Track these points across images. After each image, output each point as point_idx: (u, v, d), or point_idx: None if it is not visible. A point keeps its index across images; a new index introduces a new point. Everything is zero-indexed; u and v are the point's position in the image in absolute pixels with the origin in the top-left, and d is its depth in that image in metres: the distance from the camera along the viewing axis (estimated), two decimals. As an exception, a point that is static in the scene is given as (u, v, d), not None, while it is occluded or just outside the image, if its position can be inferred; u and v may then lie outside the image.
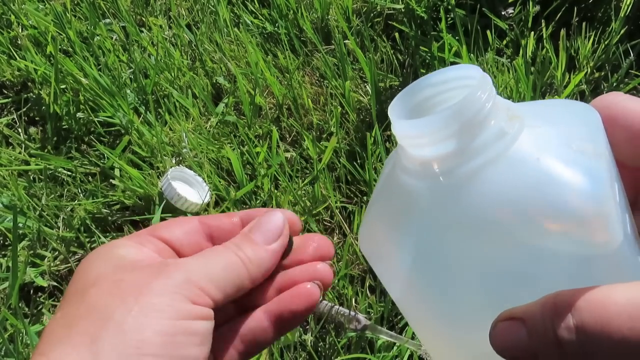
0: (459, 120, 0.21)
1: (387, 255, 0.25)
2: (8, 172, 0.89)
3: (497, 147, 0.21)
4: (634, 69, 0.95)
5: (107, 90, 0.97)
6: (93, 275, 0.26)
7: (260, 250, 0.28)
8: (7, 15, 1.17)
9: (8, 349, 0.69)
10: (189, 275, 0.26)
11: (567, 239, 0.20)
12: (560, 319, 0.18)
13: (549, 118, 0.23)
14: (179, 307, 0.25)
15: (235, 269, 0.27)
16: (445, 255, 0.23)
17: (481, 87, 0.21)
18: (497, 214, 0.21)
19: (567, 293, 0.18)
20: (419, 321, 0.28)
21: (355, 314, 0.64)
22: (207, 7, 1.16)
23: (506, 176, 0.21)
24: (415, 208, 0.23)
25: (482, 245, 0.22)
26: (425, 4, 1.06)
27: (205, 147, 0.92)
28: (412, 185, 0.23)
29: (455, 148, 0.21)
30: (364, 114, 0.97)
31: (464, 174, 0.21)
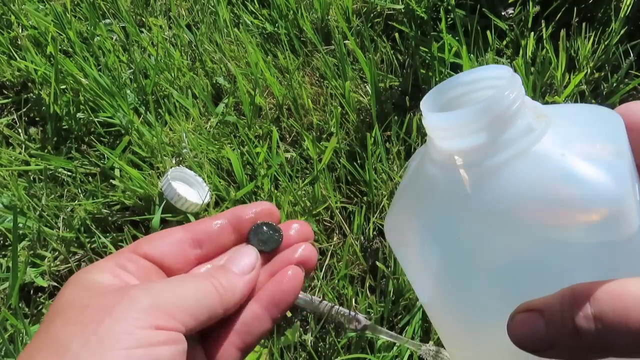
0: (488, 115, 0.22)
1: (412, 244, 0.26)
2: (8, 172, 0.89)
3: (524, 143, 0.22)
4: (634, 70, 0.95)
5: (107, 90, 0.97)
6: (62, 303, 0.26)
7: (234, 277, 0.28)
8: (7, 16, 1.17)
9: (8, 349, 0.69)
10: (154, 300, 0.25)
11: (588, 232, 0.21)
12: (578, 309, 0.18)
13: (574, 119, 0.24)
14: (140, 334, 0.23)
15: (207, 293, 0.27)
16: (469, 245, 0.23)
17: (511, 85, 0.22)
18: (522, 206, 0.22)
19: (585, 285, 0.19)
20: (439, 311, 0.28)
21: (355, 314, 0.64)
22: (207, 7, 1.16)
23: (532, 170, 0.22)
24: (442, 198, 0.24)
25: (506, 236, 0.22)
26: (425, 4, 1.06)
27: (205, 147, 0.92)
28: (440, 176, 0.24)
29: (484, 141, 0.22)
30: (364, 114, 0.97)
31: (491, 166, 0.22)
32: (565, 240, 0.21)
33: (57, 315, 0.25)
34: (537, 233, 0.22)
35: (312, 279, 0.78)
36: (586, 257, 0.21)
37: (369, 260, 0.79)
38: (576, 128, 0.23)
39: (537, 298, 0.20)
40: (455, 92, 0.25)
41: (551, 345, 0.19)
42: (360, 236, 0.81)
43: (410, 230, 0.26)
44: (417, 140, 0.91)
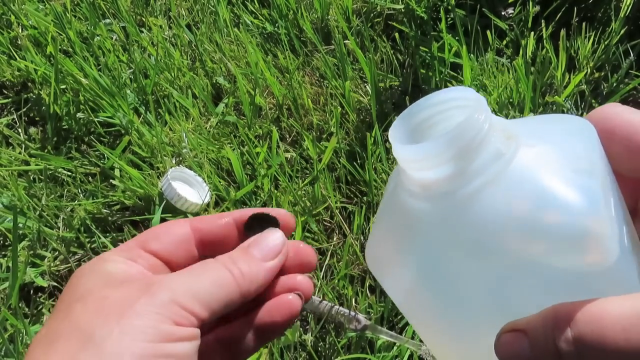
0: (456, 145, 0.21)
1: (392, 273, 0.26)
2: (8, 172, 0.89)
3: (495, 168, 0.22)
4: (634, 69, 0.95)
5: (107, 90, 0.97)
6: (80, 290, 0.26)
7: (256, 265, 0.28)
8: (7, 16, 1.17)
9: (8, 349, 0.69)
10: (173, 295, 0.25)
11: (563, 256, 0.21)
12: (560, 332, 0.18)
13: (544, 136, 0.24)
14: (160, 328, 0.24)
15: (225, 284, 0.27)
16: (448, 272, 0.23)
17: (477, 110, 0.22)
18: (497, 232, 0.22)
19: (566, 306, 0.19)
20: (427, 334, 0.28)
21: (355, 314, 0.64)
22: (207, 7, 1.16)
23: (503, 197, 0.22)
24: (417, 228, 0.24)
25: (484, 262, 0.22)
26: (425, 4, 1.06)
27: (205, 147, 0.92)
28: (413, 206, 0.24)
29: (454, 171, 0.22)
30: (364, 114, 0.97)
31: (464, 195, 0.22)
32: (542, 263, 0.21)
33: (76, 302, 0.25)
34: (515, 257, 0.22)
35: (312, 279, 0.78)
36: (566, 277, 0.21)
37: (369, 260, 0.79)
38: (547, 146, 0.23)
39: (521, 318, 0.21)
40: (422, 116, 0.25)
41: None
42: (360, 236, 0.81)
43: (387, 259, 0.26)
44: (417, 140, 0.91)
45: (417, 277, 0.24)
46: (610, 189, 0.22)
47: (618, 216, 0.22)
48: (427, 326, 0.27)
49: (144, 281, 0.26)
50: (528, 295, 0.22)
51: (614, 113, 0.23)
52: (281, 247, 0.29)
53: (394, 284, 0.26)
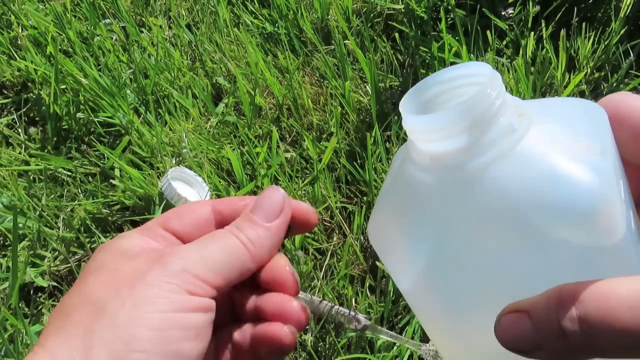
0: (469, 116, 0.21)
1: (397, 247, 0.25)
2: (8, 172, 0.89)
3: (506, 143, 0.22)
4: (634, 69, 0.95)
5: (107, 90, 0.97)
6: (95, 264, 0.27)
7: (261, 230, 0.28)
8: (7, 16, 1.17)
9: (8, 349, 0.69)
10: (185, 264, 0.25)
11: (573, 233, 0.21)
12: (564, 311, 0.18)
13: (557, 116, 0.23)
14: (172, 298, 0.24)
15: (236, 251, 0.27)
16: (454, 247, 0.23)
17: (491, 84, 0.22)
18: (506, 207, 0.21)
19: (571, 286, 0.19)
20: (427, 314, 0.28)
21: (355, 314, 0.64)
22: (207, 7, 1.16)
23: (514, 171, 0.21)
24: (425, 201, 0.23)
25: (491, 238, 0.22)
26: (425, 4, 1.06)
27: (205, 147, 0.92)
28: (422, 178, 0.23)
29: (465, 143, 0.22)
30: (364, 114, 0.97)
31: (474, 168, 0.22)
32: (550, 240, 0.21)
33: (89, 275, 0.26)
34: (522, 234, 0.21)
35: (312, 279, 0.78)
36: (573, 260, 0.21)
37: (369, 260, 0.79)
38: (559, 126, 0.23)
39: (524, 299, 0.20)
40: (435, 91, 0.25)
41: (538, 347, 0.19)
42: (360, 236, 0.81)
43: (394, 234, 0.25)
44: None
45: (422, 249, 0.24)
46: (620, 173, 0.22)
47: (626, 200, 0.22)
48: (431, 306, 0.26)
49: (155, 253, 0.26)
50: (534, 272, 0.22)
51: (625, 101, 0.23)
52: (282, 205, 0.29)
53: (398, 259, 0.26)
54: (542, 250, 0.21)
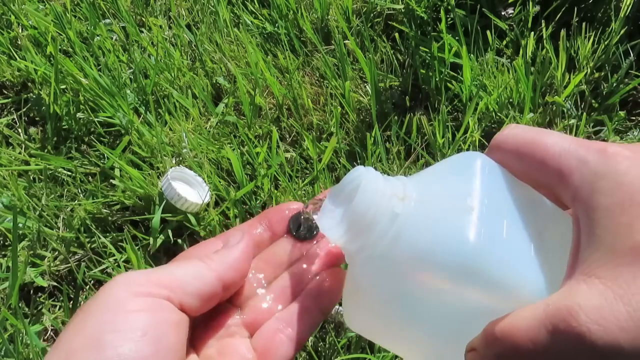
0: (356, 222, 0.26)
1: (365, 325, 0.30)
2: (8, 172, 0.89)
3: (394, 229, 0.26)
4: (634, 69, 0.95)
5: (107, 90, 0.97)
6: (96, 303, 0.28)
7: (223, 250, 0.30)
8: (7, 16, 1.17)
9: (8, 349, 0.69)
10: (148, 276, 0.27)
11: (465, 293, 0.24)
12: (491, 348, 0.22)
13: (435, 185, 0.27)
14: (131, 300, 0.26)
15: (198, 268, 0.29)
16: (400, 313, 0.27)
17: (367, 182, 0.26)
18: (411, 281, 0.25)
19: (491, 325, 0.22)
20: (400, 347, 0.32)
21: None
22: (207, 7, 1.16)
23: (407, 249, 0.25)
24: (363, 287, 0.28)
25: (421, 300, 0.26)
26: (425, 4, 1.06)
27: (205, 147, 0.92)
28: (354, 271, 0.28)
29: (364, 242, 0.26)
30: (364, 114, 0.97)
31: (378, 256, 0.26)
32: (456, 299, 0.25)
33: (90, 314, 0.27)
34: (439, 296, 0.25)
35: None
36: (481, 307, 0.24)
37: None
38: (433, 196, 0.26)
39: (475, 337, 0.24)
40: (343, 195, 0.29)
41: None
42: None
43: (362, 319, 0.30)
44: (416, 140, 0.91)
45: (380, 324, 0.28)
46: (505, 213, 0.25)
47: (517, 236, 0.24)
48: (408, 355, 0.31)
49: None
50: (465, 321, 0.25)
51: (507, 135, 0.26)
52: (241, 234, 0.32)
53: (369, 333, 0.31)
54: (459, 303, 0.25)
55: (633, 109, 0.98)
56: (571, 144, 0.23)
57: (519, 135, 0.25)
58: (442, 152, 0.87)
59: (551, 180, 0.24)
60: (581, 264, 0.21)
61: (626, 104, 0.98)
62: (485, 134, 0.93)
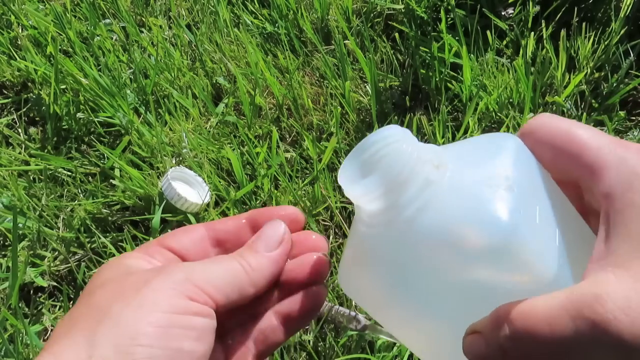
0: (386, 181, 0.25)
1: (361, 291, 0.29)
2: (8, 172, 0.89)
3: (425, 196, 0.25)
4: (634, 69, 0.95)
5: (107, 90, 0.97)
6: (100, 280, 0.28)
7: (261, 258, 0.30)
8: (7, 16, 1.17)
9: (8, 349, 0.69)
10: (188, 275, 0.27)
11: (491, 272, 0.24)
12: (501, 330, 0.22)
13: (470, 158, 0.26)
14: (175, 302, 0.25)
15: (236, 274, 0.29)
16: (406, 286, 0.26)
17: (403, 147, 0.25)
18: (434, 254, 0.24)
19: (504, 307, 0.22)
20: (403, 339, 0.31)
21: (355, 314, 0.64)
22: (207, 7, 1.16)
23: (435, 220, 0.24)
24: (372, 252, 0.27)
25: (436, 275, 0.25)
26: (425, 4, 1.06)
27: (205, 147, 0.92)
28: (366, 233, 0.27)
29: (388, 204, 0.25)
30: (364, 114, 0.97)
31: (401, 222, 0.25)
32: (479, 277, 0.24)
33: (96, 289, 0.27)
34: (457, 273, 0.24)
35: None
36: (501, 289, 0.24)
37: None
38: (471, 169, 0.25)
39: (479, 320, 0.23)
40: (365, 156, 0.28)
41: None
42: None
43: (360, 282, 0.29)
44: (417, 140, 0.91)
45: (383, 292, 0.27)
46: (537, 198, 0.25)
47: (546, 222, 0.24)
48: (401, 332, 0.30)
49: (160, 267, 0.28)
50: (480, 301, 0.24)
51: (541, 123, 0.26)
52: (282, 236, 0.31)
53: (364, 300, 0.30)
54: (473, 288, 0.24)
55: (633, 109, 0.98)
56: (609, 141, 0.23)
57: (553, 125, 0.25)
58: (442, 152, 0.87)
59: (583, 173, 0.24)
60: (610, 256, 0.21)
61: (626, 104, 0.98)
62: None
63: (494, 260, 0.23)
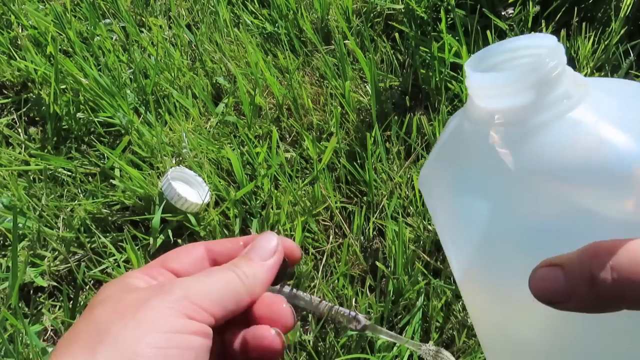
0: (533, 77, 0.23)
1: (444, 197, 0.27)
2: (8, 172, 0.89)
3: (562, 107, 0.23)
4: (634, 69, 0.95)
5: (107, 90, 0.97)
6: (100, 297, 0.29)
7: (256, 265, 0.31)
8: (7, 16, 1.17)
9: (8, 349, 0.69)
10: (186, 292, 0.27)
11: (608, 195, 0.22)
12: (598, 261, 0.19)
13: (612, 91, 0.25)
14: (173, 321, 0.26)
15: (232, 284, 0.29)
16: (501, 199, 0.25)
17: (555, 52, 0.24)
18: (554, 169, 0.23)
19: (606, 242, 0.20)
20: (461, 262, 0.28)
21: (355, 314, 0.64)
22: (207, 7, 1.16)
23: (566, 135, 0.23)
24: (479, 155, 0.25)
25: (537, 197, 0.24)
26: (425, 4, 1.06)
27: (205, 147, 0.92)
28: (478, 133, 0.25)
29: (524, 103, 0.24)
30: (364, 114, 0.97)
31: (530, 127, 0.24)
32: (592, 207, 0.22)
33: (94, 307, 0.28)
34: (567, 197, 0.23)
35: (312, 279, 0.78)
36: (612, 230, 0.22)
37: (369, 260, 0.79)
38: (613, 100, 0.24)
39: (559, 255, 0.21)
40: (500, 58, 0.26)
41: (569, 297, 0.20)
42: (360, 236, 0.81)
43: (443, 184, 0.27)
44: (417, 140, 0.91)
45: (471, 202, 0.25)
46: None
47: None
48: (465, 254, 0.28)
49: (158, 285, 0.29)
50: (571, 236, 0.23)
51: None
52: (275, 247, 0.32)
53: (439, 205, 0.28)
54: (583, 215, 0.23)
55: (633, 109, 0.98)
56: None
57: None
58: (442, 152, 0.87)
59: None
60: None
61: (626, 104, 0.98)
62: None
63: (615, 183, 0.22)
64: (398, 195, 0.83)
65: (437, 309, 0.71)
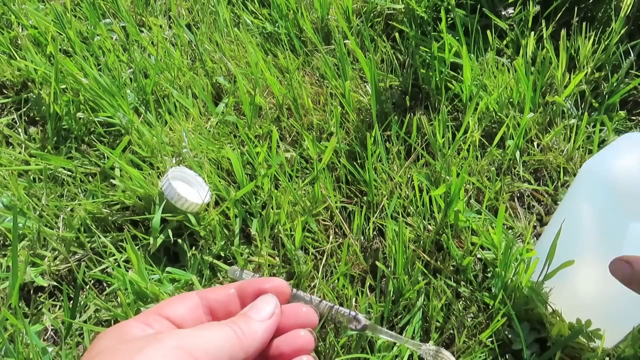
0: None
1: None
2: (8, 172, 0.89)
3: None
4: (634, 69, 0.95)
5: (107, 90, 0.97)
6: (97, 348, 0.29)
7: (254, 324, 0.32)
8: (7, 15, 1.17)
9: (8, 349, 0.69)
10: (180, 342, 0.28)
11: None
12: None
13: None
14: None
15: (227, 339, 0.30)
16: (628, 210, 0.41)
17: None
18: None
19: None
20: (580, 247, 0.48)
21: (355, 313, 0.64)
22: (207, 7, 1.16)
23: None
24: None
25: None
26: (425, 4, 1.06)
27: (205, 147, 0.92)
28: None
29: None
30: (364, 114, 0.97)
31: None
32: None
33: (95, 357, 0.28)
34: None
35: (312, 279, 0.78)
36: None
37: (369, 260, 0.79)
38: None
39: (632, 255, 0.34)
40: None
41: (629, 282, 0.34)
42: (360, 236, 0.81)
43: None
44: (417, 140, 0.91)
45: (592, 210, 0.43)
46: None
47: None
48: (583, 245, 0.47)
49: (153, 334, 0.29)
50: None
51: None
52: (274, 310, 0.33)
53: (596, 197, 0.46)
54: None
55: (633, 108, 0.98)
56: None
57: None
58: (442, 152, 0.87)
59: None
60: None
61: (626, 103, 0.98)
62: (485, 133, 0.93)
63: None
64: (398, 195, 0.83)
65: (437, 309, 0.71)
